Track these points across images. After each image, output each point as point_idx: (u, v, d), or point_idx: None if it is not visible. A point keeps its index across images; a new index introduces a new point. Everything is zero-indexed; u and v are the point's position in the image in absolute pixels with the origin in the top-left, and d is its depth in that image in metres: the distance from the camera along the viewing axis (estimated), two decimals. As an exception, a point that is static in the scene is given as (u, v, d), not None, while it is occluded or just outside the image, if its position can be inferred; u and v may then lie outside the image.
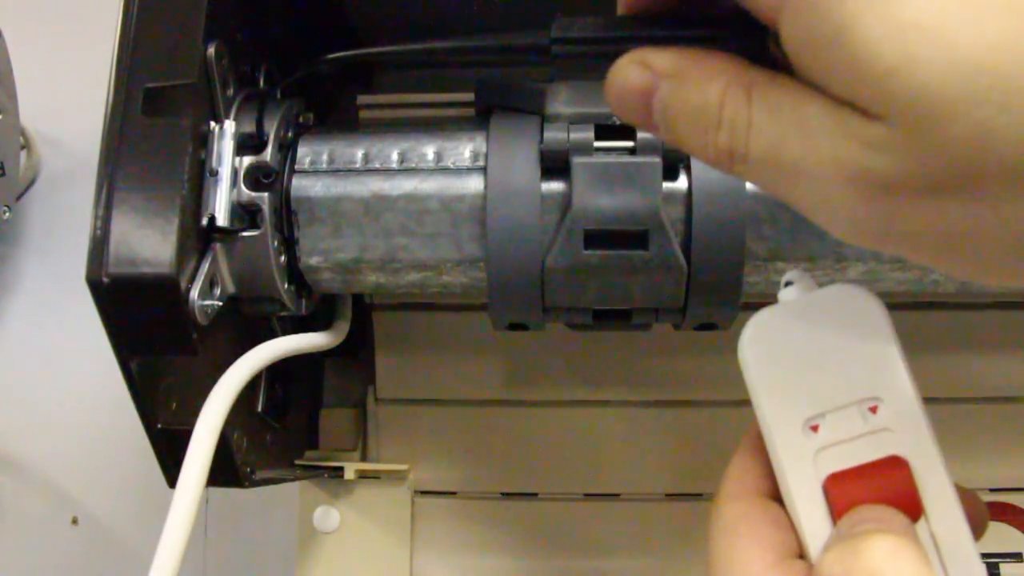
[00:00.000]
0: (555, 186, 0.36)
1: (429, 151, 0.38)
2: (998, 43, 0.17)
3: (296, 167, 0.38)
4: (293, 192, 0.37)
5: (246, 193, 0.35)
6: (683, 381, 0.51)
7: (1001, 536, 0.49)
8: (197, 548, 0.58)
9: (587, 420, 0.52)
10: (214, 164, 0.34)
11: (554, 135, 0.36)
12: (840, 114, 0.18)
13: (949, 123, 0.17)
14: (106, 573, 0.60)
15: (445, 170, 0.37)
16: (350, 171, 0.38)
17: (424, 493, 0.53)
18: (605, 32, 0.23)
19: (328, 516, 0.52)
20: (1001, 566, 0.49)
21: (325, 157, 0.38)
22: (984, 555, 0.24)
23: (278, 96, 0.39)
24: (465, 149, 0.37)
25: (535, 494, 0.53)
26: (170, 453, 0.35)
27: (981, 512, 0.25)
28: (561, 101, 0.36)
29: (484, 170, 0.36)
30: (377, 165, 0.38)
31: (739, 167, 0.21)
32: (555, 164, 0.36)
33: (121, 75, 0.33)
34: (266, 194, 0.36)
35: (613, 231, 0.35)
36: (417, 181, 0.37)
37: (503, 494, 0.53)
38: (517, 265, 0.36)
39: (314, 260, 0.38)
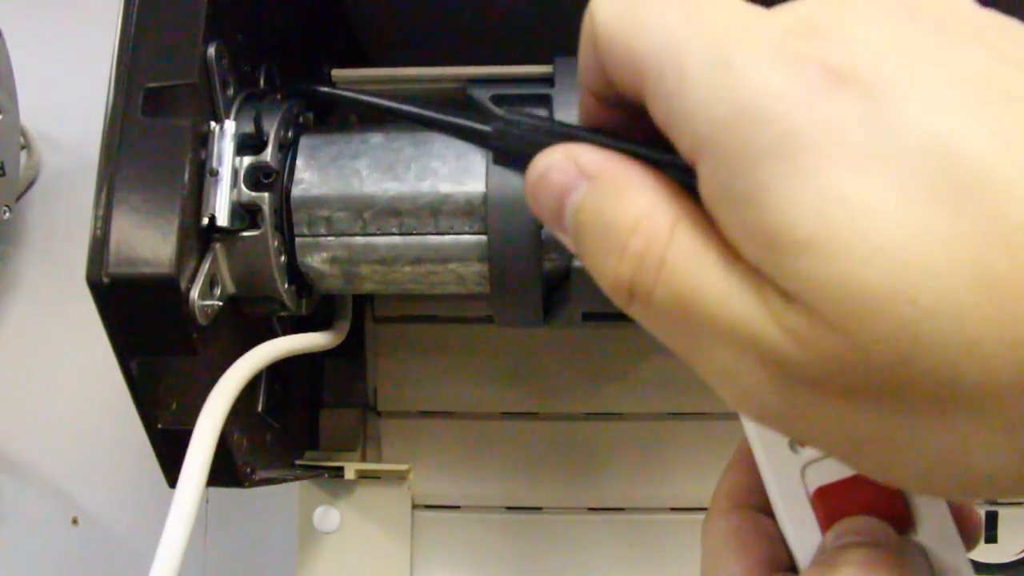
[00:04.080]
0: (555, 186, 0.36)
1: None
2: (931, 236, 0.14)
3: (296, 167, 0.38)
4: (293, 192, 0.37)
5: (246, 193, 0.35)
6: (689, 391, 0.51)
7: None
8: (197, 548, 0.58)
9: (591, 433, 0.52)
10: (214, 164, 0.34)
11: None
12: (764, 284, 0.16)
13: (868, 320, 0.14)
14: (106, 573, 0.60)
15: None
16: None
17: (426, 507, 0.52)
18: (542, 141, 0.20)
19: (328, 516, 0.52)
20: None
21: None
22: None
23: (278, 96, 0.39)
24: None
25: (539, 508, 0.52)
26: (170, 453, 0.35)
27: (974, 522, 0.25)
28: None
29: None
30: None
31: (637, 308, 0.17)
32: (555, 164, 0.36)
33: (121, 75, 0.33)
34: (266, 194, 0.36)
35: (613, 231, 0.35)
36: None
37: (506, 508, 0.52)
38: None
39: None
